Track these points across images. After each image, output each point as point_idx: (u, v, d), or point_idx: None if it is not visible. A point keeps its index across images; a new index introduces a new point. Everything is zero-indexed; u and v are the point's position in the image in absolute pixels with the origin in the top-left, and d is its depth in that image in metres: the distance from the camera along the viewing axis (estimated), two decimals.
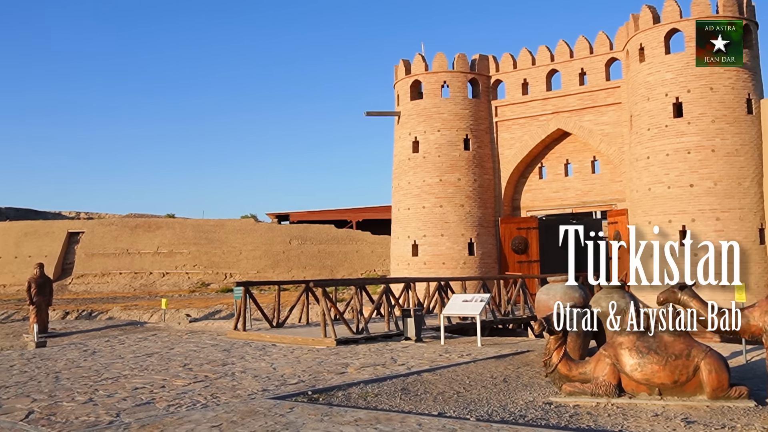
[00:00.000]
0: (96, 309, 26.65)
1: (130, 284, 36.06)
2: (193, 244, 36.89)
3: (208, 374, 11.91)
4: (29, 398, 10.19)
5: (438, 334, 16.76)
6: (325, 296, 16.58)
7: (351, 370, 12.02)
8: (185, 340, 17.63)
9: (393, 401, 9.38)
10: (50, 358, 15.13)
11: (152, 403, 9.51)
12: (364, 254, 36.22)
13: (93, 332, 21.27)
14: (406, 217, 28.38)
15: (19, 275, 36.10)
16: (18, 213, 46.34)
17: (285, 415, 8.37)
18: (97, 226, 38.93)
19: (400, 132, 29.37)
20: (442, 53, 28.64)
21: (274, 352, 14.74)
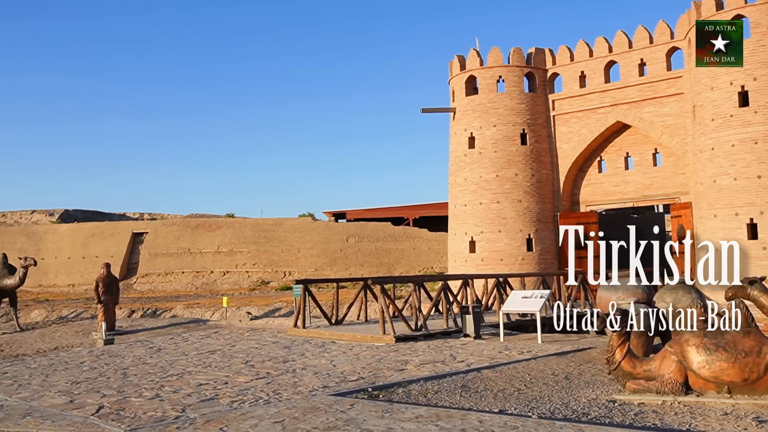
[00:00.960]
0: (160, 307, 27.32)
1: (192, 283, 36.84)
2: (252, 243, 37.46)
3: (270, 371, 12.08)
4: (99, 393, 10.51)
5: (497, 331, 16.65)
6: (383, 293, 16.63)
7: (410, 367, 12.03)
8: (246, 338, 17.93)
9: (453, 398, 9.35)
10: (118, 354, 15.58)
11: (216, 399, 9.70)
12: (421, 251, 36.18)
13: (158, 330, 21.82)
14: (463, 213, 28.23)
15: (87, 275, 37.28)
16: (85, 215, 47.85)
17: (346, 412, 8.43)
18: (160, 226, 39.89)
19: (456, 128, 29.22)
20: (497, 48, 28.38)
21: (333, 349, 14.87)
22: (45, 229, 41.29)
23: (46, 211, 46.87)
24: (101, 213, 49.86)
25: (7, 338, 22.48)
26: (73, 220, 45.27)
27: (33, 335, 22.70)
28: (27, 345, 20.64)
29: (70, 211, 47.52)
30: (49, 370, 13.48)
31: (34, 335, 22.66)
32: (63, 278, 38.59)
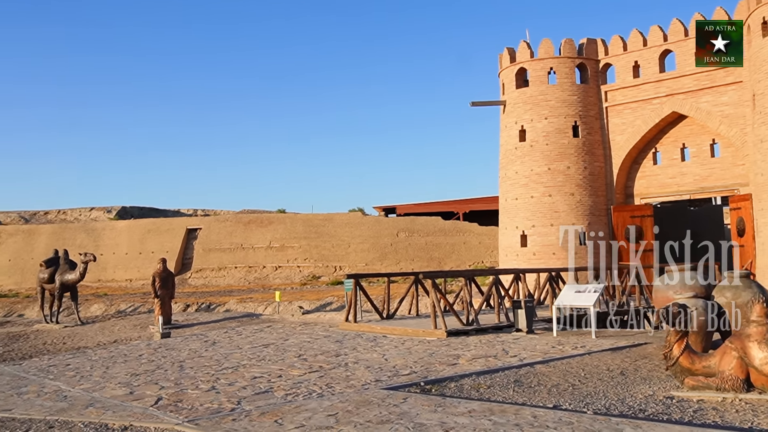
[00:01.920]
0: (214, 302, 27.80)
1: (245, 278, 37.39)
2: (303, 238, 37.82)
3: (323, 364, 12.19)
4: (157, 385, 10.77)
5: (549, 326, 16.48)
6: (434, 288, 16.61)
7: (462, 362, 12.00)
8: (299, 332, 18.12)
9: (506, 393, 9.29)
10: (174, 348, 15.92)
11: (270, 391, 9.84)
12: (472, 245, 35.99)
13: (212, 324, 22.22)
14: (514, 207, 27.99)
15: (144, 270, 38.19)
16: (141, 212, 48.99)
17: (399, 405, 8.45)
18: (213, 222, 40.59)
19: (506, 121, 28.96)
20: (548, 39, 28.01)
21: (385, 344, 14.92)
22: (103, 225, 42.42)
23: (104, 208, 48.13)
24: (156, 210, 50.96)
25: (69, 331, 23.19)
26: (130, 216, 46.39)
27: (93, 328, 23.36)
28: (88, 338, 21.27)
29: (127, 207, 48.68)
30: (109, 362, 13.87)
31: (94, 328, 23.32)
32: (121, 273, 39.61)
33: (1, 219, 45.95)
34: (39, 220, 47.02)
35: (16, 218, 46.74)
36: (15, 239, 42.15)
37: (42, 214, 48.54)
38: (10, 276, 40.08)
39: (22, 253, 41.27)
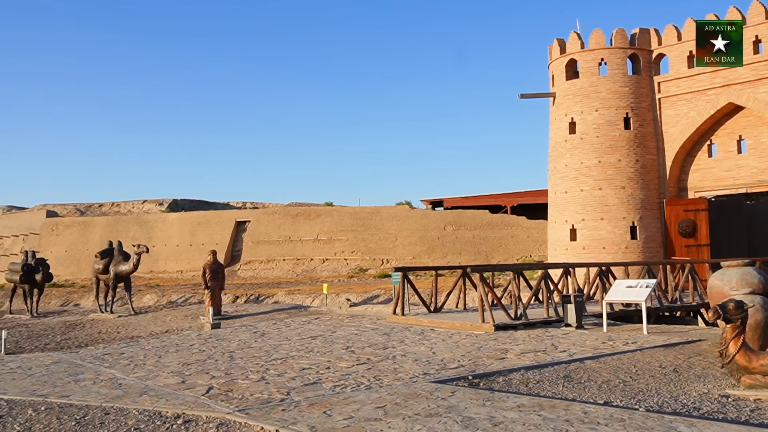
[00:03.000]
0: (262, 293, 28.15)
1: (293, 270, 37.75)
2: (350, 230, 37.97)
3: (370, 357, 12.24)
4: (208, 375, 10.96)
5: (599, 321, 16.25)
6: (482, 281, 16.52)
7: (511, 356, 11.91)
8: (346, 324, 18.23)
9: (556, 388, 9.19)
10: (224, 338, 16.18)
11: (319, 383, 9.92)
12: (520, 239, 35.65)
13: (261, 315, 22.50)
14: (563, 200, 27.62)
15: (194, 262, 38.87)
16: (192, 204, 49.82)
17: (447, 399, 8.44)
18: (261, 215, 41.04)
19: (556, 113, 28.57)
20: (599, 29, 27.50)
21: (432, 337, 14.91)
22: (155, 218, 43.29)
23: (156, 200, 49.09)
24: (207, 202, 51.76)
25: (123, 321, 23.77)
26: (181, 209, 47.22)
27: (146, 318, 23.90)
28: (141, 327, 21.77)
29: (178, 200, 49.56)
30: (161, 352, 14.16)
31: (147, 318, 23.85)
32: (172, 265, 40.38)
33: (58, 211, 47.25)
34: (94, 213, 48.23)
35: (73, 210, 48.01)
36: (71, 231, 43.34)
37: (97, 206, 49.77)
38: (67, 266, 41.23)
39: (78, 245, 42.41)
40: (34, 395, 9.76)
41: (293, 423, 7.49)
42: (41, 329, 22.81)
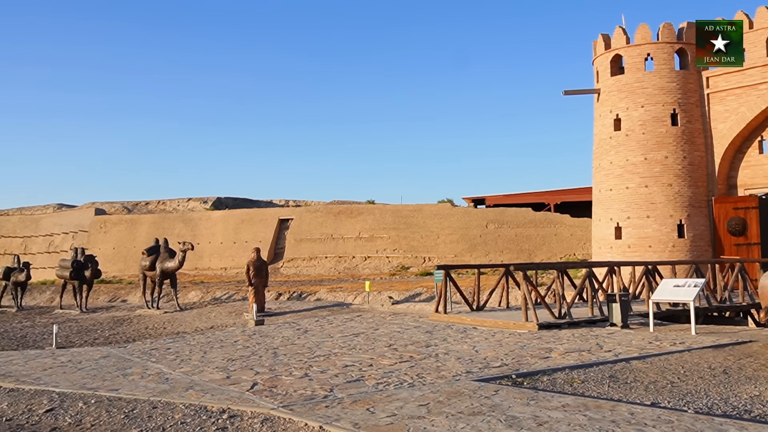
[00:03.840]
0: (305, 291, 28.35)
1: (335, 267, 37.94)
2: (392, 228, 38.01)
3: (413, 355, 12.24)
4: (253, 371, 11.08)
5: (645, 321, 15.99)
6: (525, 280, 16.39)
7: (555, 355, 11.79)
8: (389, 322, 18.25)
9: (601, 388, 9.07)
10: (268, 335, 16.34)
11: (362, 380, 9.95)
12: (563, 237, 35.24)
13: (304, 312, 22.66)
14: (608, 198, 27.21)
15: (238, 259, 39.35)
16: (236, 202, 50.41)
17: (490, 398, 8.39)
18: (304, 213, 41.33)
19: (600, 110, 28.15)
20: (645, 24, 27.00)
21: (475, 335, 14.83)
22: (200, 215, 43.92)
23: (201, 198, 49.79)
24: (250, 200, 52.31)
25: (169, 317, 24.18)
26: (225, 207, 47.81)
27: (191, 314, 24.27)
28: (186, 323, 22.11)
29: (222, 198, 50.19)
30: (206, 348, 14.36)
31: (192, 314, 24.22)
32: (216, 262, 40.94)
33: (106, 209, 48.28)
34: (140, 211, 49.15)
35: (120, 208, 49.01)
36: (119, 228, 44.25)
37: (143, 204, 50.71)
38: (115, 263, 42.11)
39: (125, 242, 43.29)
40: (84, 388, 9.99)
41: (337, 420, 7.53)
42: (90, 324, 23.33)
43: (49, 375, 11.38)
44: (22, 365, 12.67)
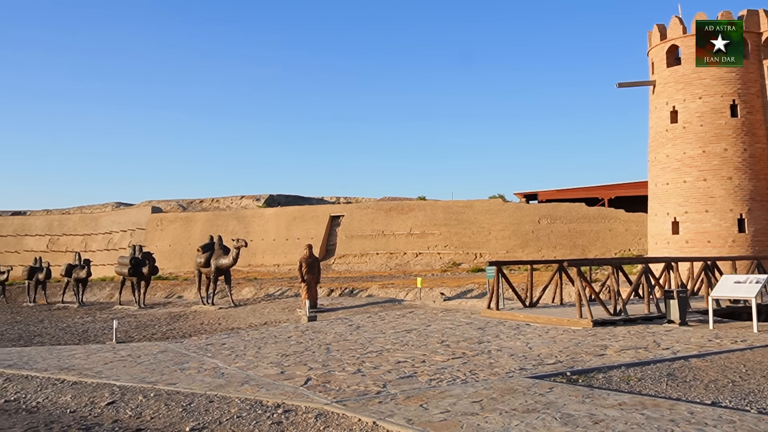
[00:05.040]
0: (356, 287, 28.48)
1: (386, 264, 38.02)
2: (443, 224, 37.89)
3: (465, 351, 12.18)
4: (306, 366, 11.19)
5: (704, 318, 15.61)
6: (579, 276, 16.15)
7: (610, 353, 11.59)
8: (441, 318, 18.20)
9: (659, 387, 8.88)
10: (320, 331, 16.47)
11: (415, 376, 9.95)
12: (618, 233, 34.61)
13: (355, 308, 22.77)
14: (664, 192, 26.60)
15: (290, 256, 39.77)
16: (288, 199, 50.94)
17: (544, 395, 8.30)
18: (355, 209, 41.52)
19: (656, 102, 27.52)
20: (702, 13, 26.20)
21: (528, 332, 14.69)
22: (252, 213, 44.52)
23: (253, 196, 50.44)
24: (301, 197, 52.79)
25: (224, 312, 24.58)
26: (277, 204, 48.35)
27: (245, 310, 24.62)
28: (240, 319, 22.45)
29: (274, 196, 50.75)
30: (260, 343, 14.56)
31: (246, 310, 24.57)
32: (269, 258, 41.45)
33: (162, 207, 49.34)
34: (195, 208, 50.07)
35: (175, 206, 50.02)
36: (174, 226, 45.18)
37: (198, 202, 51.65)
38: (171, 260, 43.02)
39: (180, 239, 44.17)
40: (143, 382, 10.23)
41: (390, 416, 7.55)
42: (148, 320, 23.89)
43: (110, 369, 11.70)
44: (85, 359, 13.05)
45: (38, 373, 11.34)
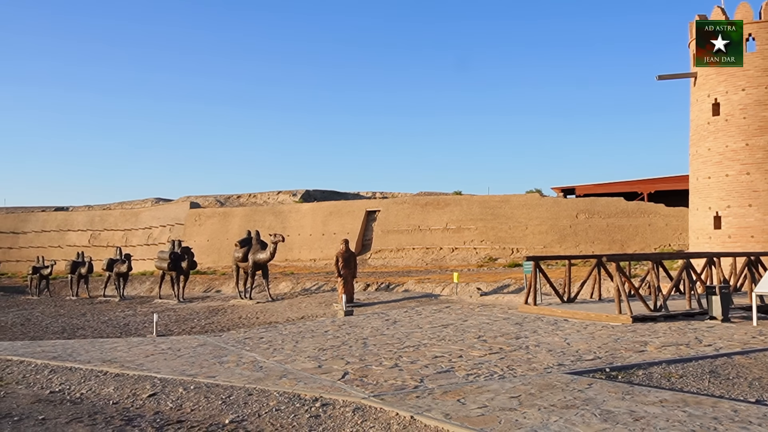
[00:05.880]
0: (393, 282, 28.52)
1: (422, 259, 37.98)
2: (479, 219, 37.71)
3: (503, 346, 12.12)
4: (343, 360, 11.24)
5: (748, 315, 15.29)
6: (618, 271, 15.94)
7: (651, 349, 11.44)
8: (477, 313, 18.14)
9: (701, 384, 8.74)
10: (357, 325, 16.52)
11: (452, 371, 9.93)
12: (658, 228, 34.07)
13: (392, 303, 22.80)
14: (706, 186, 26.09)
15: (326, 250, 39.95)
16: (323, 195, 51.19)
17: (583, 391, 8.22)
18: (391, 204, 41.54)
19: (697, 94, 26.98)
20: (746, 3, 25.60)
21: (566, 327, 14.56)
22: (289, 208, 44.83)
23: (290, 191, 50.80)
24: (337, 192, 52.99)
25: (261, 307, 24.83)
26: (313, 199, 48.60)
27: (282, 305, 24.83)
28: (278, 313, 22.65)
29: (311, 191, 51.04)
30: (298, 337, 14.67)
31: (283, 305, 24.78)
32: (305, 253, 41.70)
33: (200, 203, 49.96)
34: (232, 204, 50.59)
35: (213, 202, 50.60)
36: (212, 221, 45.72)
37: (235, 197, 52.17)
38: (209, 255, 43.55)
39: (218, 234, 44.69)
40: (183, 375, 10.39)
41: (428, 410, 7.55)
42: (187, 313, 24.24)
43: (151, 361, 11.90)
44: (126, 352, 13.29)
45: (82, 365, 11.58)
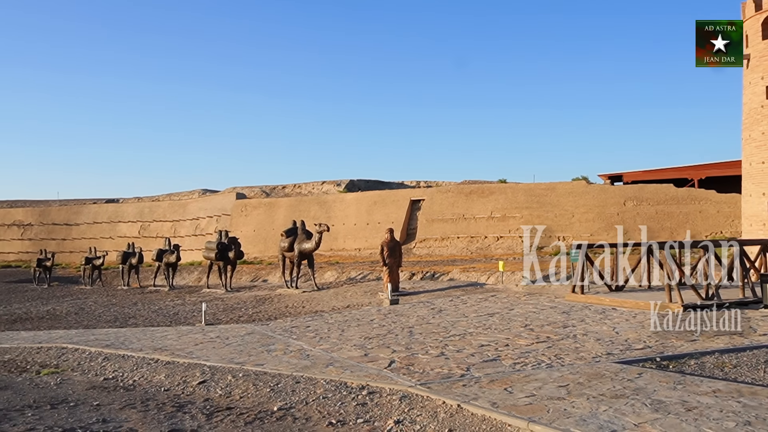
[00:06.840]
0: (438, 270, 28.45)
1: (467, 248, 37.80)
2: (525, 207, 37.34)
3: (550, 335, 12.00)
4: (389, 349, 11.27)
5: None
6: (669, 259, 15.62)
7: (702, 338, 11.19)
8: (523, 302, 17.99)
9: (756, 374, 8.53)
10: (403, 314, 16.54)
11: (498, 360, 9.87)
12: (709, 215, 33.27)
13: (437, 292, 22.75)
14: (760, 172, 25.37)
15: (371, 240, 40.06)
16: (368, 184, 51.28)
17: (633, 380, 8.09)
18: (435, 193, 41.40)
19: (750, 77, 26.19)
20: None
21: (615, 316, 14.35)
22: (334, 198, 45.04)
23: (334, 181, 51.02)
24: (381, 182, 53.03)
25: (307, 296, 25.04)
26: (358, 189, 48.73)
27: (328, 294, 25.00)
28: (323, 302, 22.81)
29: (355, 180, 51.18)
30: (344, 326, 14.75)
31: (329, 294, 24.94)
32: (350, 243, 41.89)
33: (246, 193, 50.53)
34: (278, 194, 51.05)
35: (259, 192, 51.13)
36: (258, 212, 46.23)
37: (280, 188, 52.64)
38: (255, 245, 44.06)
39: (264, 224, 45.18)
40: (232, 363, 10.54)
41: (474, 398, 7.52)
42: (234, 303, 24.58)
43: (200, 350, 12.11)
44: (176, 340, 13.55)
45: (134, 353, 11.85)
